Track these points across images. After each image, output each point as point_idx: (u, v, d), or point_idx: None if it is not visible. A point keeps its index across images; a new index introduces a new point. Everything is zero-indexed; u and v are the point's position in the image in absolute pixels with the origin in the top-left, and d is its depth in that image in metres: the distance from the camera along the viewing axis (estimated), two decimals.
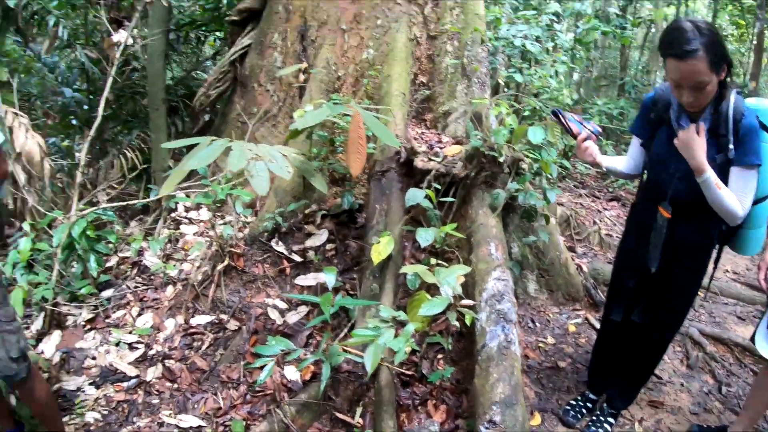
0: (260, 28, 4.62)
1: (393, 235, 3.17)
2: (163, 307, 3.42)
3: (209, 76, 4.62)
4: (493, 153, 3.31)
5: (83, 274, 3.48)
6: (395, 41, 4.10)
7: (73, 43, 4.96)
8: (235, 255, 3.36)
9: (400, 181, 3.55)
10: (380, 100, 3.93)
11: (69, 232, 3.30)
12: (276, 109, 4.30)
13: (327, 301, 2.80)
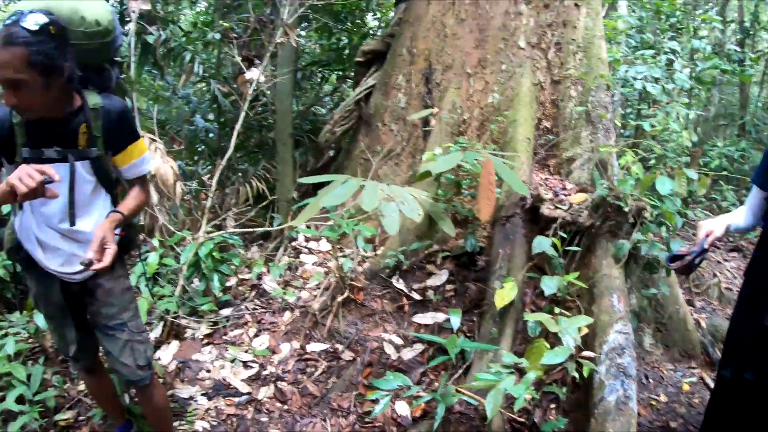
0: (384, 70, 4.89)
1: (516, 280, 3.24)
2: (279, 331, 3.63)
3: (335, 113, 4.95)
4: (618, 202, 3.32)
5: (205, 291, 3.77)
6: (520, 86, 4.19)
7: (206, 77, 5.50)
8: (355, 288, 3.54)
9: (524, 227, 3.58)
10: (505, 145, 4.01)
11: (196, 251, 3.62)
12: (399, 148, 4.50)
13: (452, 343, 2.88)
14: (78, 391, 3.36)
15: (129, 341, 2.24)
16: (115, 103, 2.06)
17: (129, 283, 2.32)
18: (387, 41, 5.11)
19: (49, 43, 1.73)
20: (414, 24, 4.71)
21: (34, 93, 1.76)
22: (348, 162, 4.83)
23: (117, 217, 2.01)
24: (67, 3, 1.91)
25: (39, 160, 1.91)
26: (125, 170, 2.15)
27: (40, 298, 2.28)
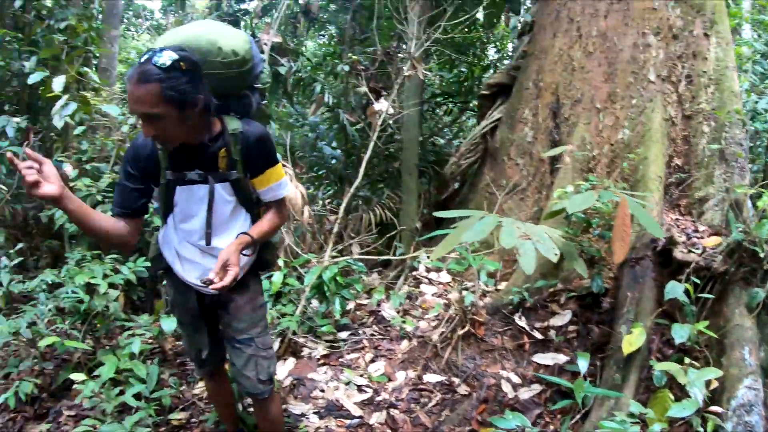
0: (510, 103, 4.94)
1: (644, 326, 3.14)
2: (395, 359, 3.73)
3: (461, 146, 5.07)
4: (754, 247, 3.15)
5: (326, 313, 3.97)
6: (650, 121, 4.08)
7: (334, 107, 5.82)
8: (476, 322, 3.58)
9: (653, 270, 3.48)
10: (636, 183, 3.91)
11: (320, 274, 3.83)
12: (525, 183, 4.51)
13: (579, 388, 2.85)
14: (193, 394, 3.65)
15: (254, 356, 2.36)
16: (255, 128, 2.17)
17: (262, 300, 2.46)
18: (512, 74, 5.17)
19: (181, 78, 1.85)
20: (540, 57, 4.73)
21: (170, 125, 1.89)
22: (472, 195, 4.90)
23: (245, 239, 2.13)
24: (205, 36, 2.07)
25: (182, 182, 2.14)
26: (262, 193, 2.26)
27: (176, 304, 2.48)
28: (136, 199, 2.13)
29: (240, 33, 2.21)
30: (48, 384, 3.87)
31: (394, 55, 5.46)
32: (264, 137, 2.17)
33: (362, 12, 6.29)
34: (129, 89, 1.85)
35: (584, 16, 4.45)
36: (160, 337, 3.96)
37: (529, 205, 4.44)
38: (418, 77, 4.84)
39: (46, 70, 4.52)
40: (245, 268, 2.33)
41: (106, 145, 4.89)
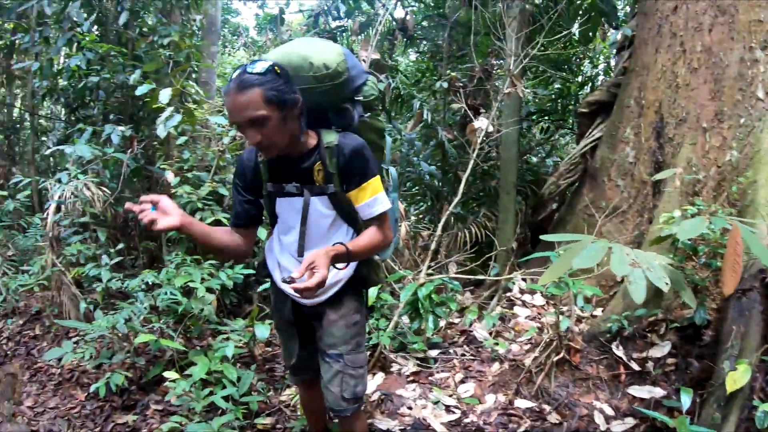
0: (611, 121, 4.82)
1: (749, 362, 2.98)
2: (486, 381, 3.70)
3: (560, 165, 5.00)
4: None
5: (417, 330, 4.00)
6: (760, 142, 3.87)
7: (432, 124, 5.88)
8: (572, 349, 3.50)
9: (761, 303, 3.30)
10: (744, 209, 3.72)
11: (415, 291, 3.86)
12: (626, 205, 4.38)
13: (683, 425, 2.73)
14: (279, 401, 3.76)
15: (341, 372, 2.36)
16: (351, 140, 2.17)
17: (358, 319, 2.42)
18: (612, 91, 5.05)
19: (278, 80, 1.94)
20: (641, 73, 4.61)
21: (273, 128, 1.96)
22: (570, 217, 4.81)
23: (338, 248, 2.06)
24: (297, 51, 2.13)
25: (281, 194, 2.25)
26: (359, 209, 2.22)
27: (275, 311, 2.58)
28: (248, 210, 2.29)
29: (333, 46, 2.23)
30: (138, 378, 4.11)
31: (492, 71, 5.46)
32: (359, 150, 2.16)
33: (458, 28, 6.33)
34: (229, 100, 1.94)
35: (687, 30, 4.29)
36: (252, 342, 4.10)
37: (630, 228, 4.31)
38: (517, 94, 4.82)
39: (152, 83, 4.83)
40: (341, 283, 2.35)
41: (207, 155, 5.16)
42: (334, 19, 7.31)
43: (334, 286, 2.34)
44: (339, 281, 2.34)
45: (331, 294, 2.35)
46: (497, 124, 4.88)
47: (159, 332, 4.02)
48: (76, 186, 4.75)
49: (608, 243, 2.50)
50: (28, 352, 5.02)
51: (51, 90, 7.30)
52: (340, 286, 2.36)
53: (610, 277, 4.17)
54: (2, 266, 6.04)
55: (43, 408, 4.11)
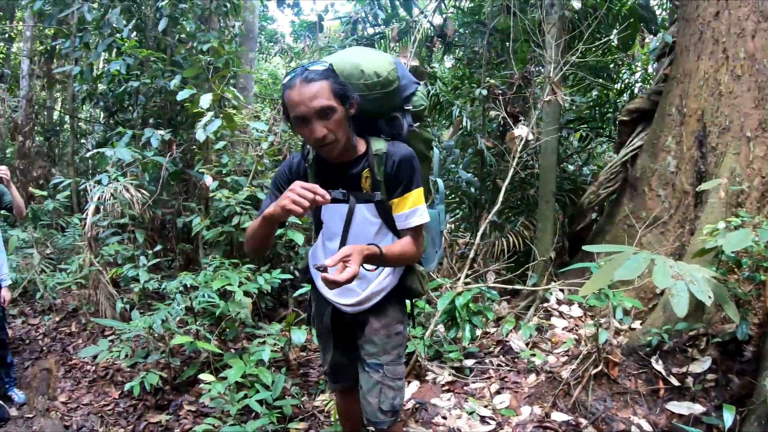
0: (652, 130, 4.75)
1: None
2: (522, 393, 3.67)
3: (600, 175, 4.95)
4: None
5: (454, 339, 4.00)
6: None
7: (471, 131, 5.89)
8: (610, 362, 3.47)
9: None
10: None
11: (453, 299, 3.86)
12: (667, 216, 4.32)
13: None
14: (313, 406, 3.79)
15: (380, 383, 2.33)
16: (399, 149, 2.17)
17: (400, 329, 2.41)
18: (653, 99, 4.99)
19: (338, 78, 2.02)
20: (683, 80, 4.54)
21: (339, 122, 1.99)
22: (609, 226, 4.76)
23: (372, 249, 2.02)
24: (348, 59, 2.15)
25: None
26: (397, 218, 2.21)
27: (316, 316, 2.58)
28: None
29: (384, 56, 2.24)
30: (172, 378, 4.19)
31: (531, 78, 5.44)
32: (407, 159, 2.16)
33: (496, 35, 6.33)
34: (296, 93, 1.96)
35: (730, 36, 4.21)
36: (287, 347, 4.15)
37: (671, 240, 4.24)
38: (557, 102, 4.78)
39: (193, 88, 4.93)
40: (385, 291, 2.36)
41: (245, 159, 5.25)
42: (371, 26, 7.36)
43: (379, 294, 2.35)
44: (384, 289, 2.35)
45: (375, 302, 2.36)
46: (536, 132, 4.86)
47: (195, 334, 4.10)
48: (115, 188, 4.87)
49: (651, 254, 2.47)
50: (64, 349, 5.17)
51: (91, 94, 7.52)
52: (384, 295, 2.36)
53: (650, 289, 4.12)
54: (41, 264, 6.22)
55: (77, 404, 4.22)
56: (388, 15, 7.32)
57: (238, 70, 5.90)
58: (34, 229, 7.11)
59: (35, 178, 9.21)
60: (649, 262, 2.40)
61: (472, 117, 6.06)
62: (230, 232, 4.69)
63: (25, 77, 10.11)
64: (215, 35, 5.95)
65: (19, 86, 10.57)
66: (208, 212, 5.04)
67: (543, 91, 4.74)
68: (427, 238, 2.52)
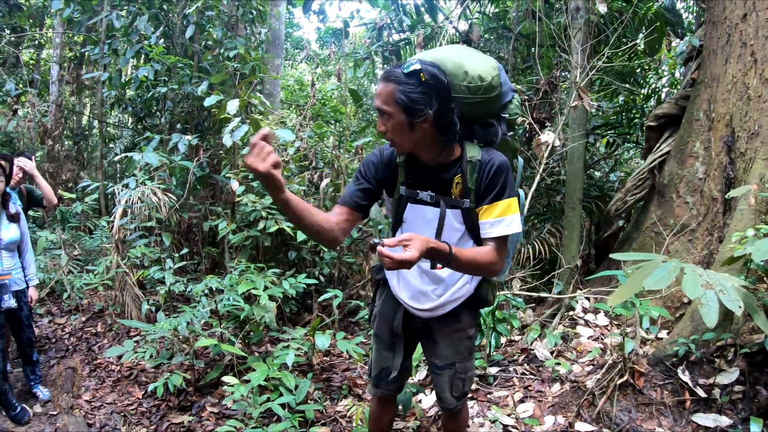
0: (679, 135, 4.69)
1: None
2: (546, 402, 3.65)
3: (628, 181, 4.90)
4: None
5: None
6: None
7: None
8: (636, 372, 3.43)
9: None
10: None
11: None
12: (695, 223, 4.25)
13: None
14: (336, 411, 3.80)
15: (453, 377, 2.46)
16: (495, 156, 2.12)
17: (472, 333, 2.45)
18: (680, 104, 4.92)
19: (416, 87, 1.94)
20: (711, 85, 4.48)
21: (396, 126, 1.99)
22: (636, 234, 4.70)
23: (441, 245, 1.93)
24: (451, 58, 2.10)
25: (414, 200, 2.22)
26: (481, 224, 2.14)
27: (381, 317, 2.52)
28: (359, 196, 2.22)
29: (488, 59, 2.20)
30: (195, 380, 4.24)
31: (558, 84, 5.41)
32: (502, 167, 2.10)
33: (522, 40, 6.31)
34: (377, 86, 2.03)
35: (758, 38, 4.11)
36: (311, 352, 4.17)
37: (699, 248, 4.17)
38: (583, 107, 4.74)
39: (221, 94, 5.00)
40: (460, 300, 2.36)
41: None
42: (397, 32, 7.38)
43: (455, 302, 2.35)
44: (460, 298, 2.35)
45: (450, 309, 2.36)
46: (563, 138, 4.83)
47: (219, 337, 4.15)
48: (143, 191, 4.96)
49: (680, 263, 2.45)
50: (89, 348, 5.26)
51: (119, 99, 7.66)
52: (458, 303, 2.36)
53: (677, 298, 4.07)
54: (68, 265, 6.34)
55: (101, 403, 4.29)
56: (414, 21, 7.35)
57: (265, 76, 5.96)
58: (62, 230, 7.26)
59: (64, 182, 9.41)
60: (678, 271, 2.38)
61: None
62: (256, 237, 4.74)
63: (55, 83, 10.35)
64: (242, 42, 6.03)
65: (48, 91, 10.82)
66: (234, 216, 5.10)
67: (569, 97, 4.71)
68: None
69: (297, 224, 2.00)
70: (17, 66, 10.76)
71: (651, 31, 6.35)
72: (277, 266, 4.70)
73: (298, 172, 5.64)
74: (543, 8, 5.83)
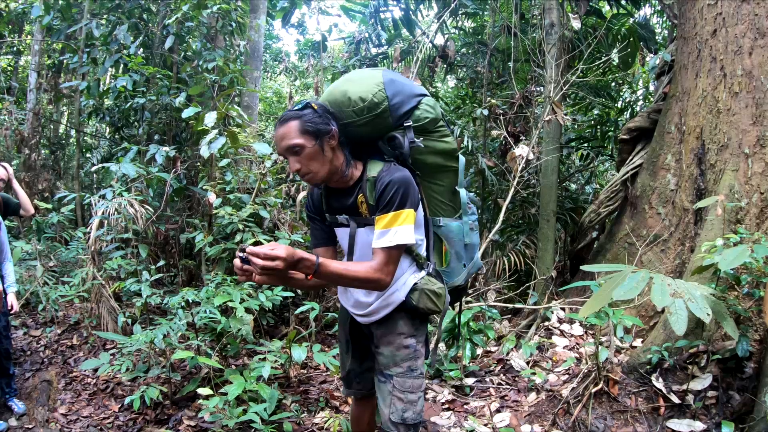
0: (651, 148, 4.77)
1: None
2: (522, 411, 3.67)
3: (601, 193, 4.97)
4: None
5: (454, 358, 4.00)
6: None
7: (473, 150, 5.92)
8: (611, 380, 3.46)
9: None
10: None
11: (454, 318, 3.86)
12: (667, 233, 4.32)
13: None
14: (313, 423, 3.78)
15: (390, 393, 2.36)
16: (390, 173, 2.15)
17: (410, 343, 2.37)
18: (652, 117, 5.02)
19: (313, 114, 2.13)
20: (681, 98, 4.57)
21: (310, 156, 2.13)
22: (610, 245, 4.76)
23: (308, 256, 1.98)
24: (340, 87, 2.25)
25: (336, 225, 2.39)
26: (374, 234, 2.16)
27: (339, 323, 2.72)
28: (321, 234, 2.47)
29: (373, 77, 2.25)
30: (172, 393, 4.19)
31: (532, 98, 5.48)
32: (394, 181, 2.13)
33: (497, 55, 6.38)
34: (275, 135, 2.18)
35: (727, 53, 4.22)
36: (288, 364, 4.14)
37: (671, 257, 4.24)
38: (557, 121, 4.81)
39: (199, 105, 4.98)
40: (392, 306, 2.36)
41: (249, 177, 5.29)
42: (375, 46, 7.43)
43: (386, 308, 2.37)
44: (390, 304, 2.36)
45: (383, 315, 2.39)
46: (537, 152, 4.89)
47: (196, 349, 4.10)
48: (119, 203, 4.90)
49: (649, 273, 2.48)
50: (65, 361, 5.16)
51: (97, 109, 7.58)
52: (391, 309, 2.38)
53: (650, 307, 4.12)
54: (43, 276, 6.24)
55: (77, 416, 4.22)
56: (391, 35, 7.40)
57: (243, 89, 5.95)
58: (38, 241, 7.13)
59: (40, 191, 9.27)
60: (647, 280, 2.42)
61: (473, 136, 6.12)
62: (232, 249, 4.71)
63: (33, 90, 10.21)
64: (221, 54, 6.02)
65: (26, 99, 10.67)
66: (211, 229, 5.06)
67: (544, 111, 4.77)
68: (450, 251, 2.53)
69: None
70: None
71: (625, 46, 6.47)
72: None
73: (276, 185, 5.62)
74: (518, 24, 5.91)
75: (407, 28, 7.39)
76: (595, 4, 7.18)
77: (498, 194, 5.66)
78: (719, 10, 4.29)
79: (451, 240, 2.50)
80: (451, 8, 6.05)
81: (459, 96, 7.35)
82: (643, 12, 7.79)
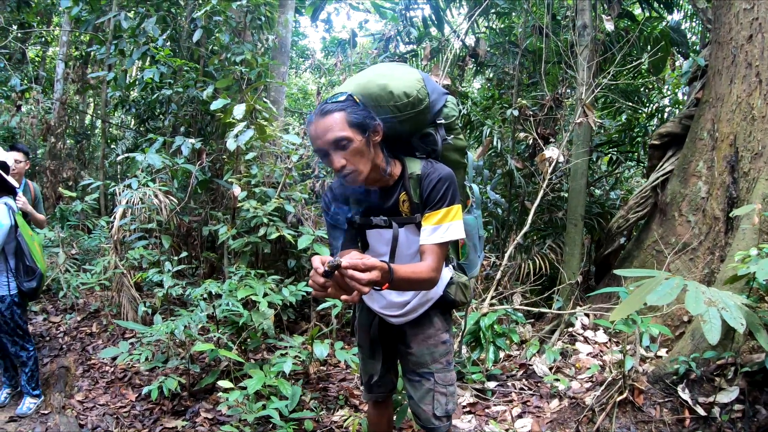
0: (683, 154, 4.70)
1: None
2: (544, 417, 3.63)
3: (630, 199, 4.91)
4: None
5: (477, 361, 3.97)
6: None
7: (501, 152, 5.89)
8: (636, 390, 3.41)
9: None
10: None
11: (478, 320, 3.84)
12: (696, 242, 4.26)
13: None
14: (332, 421, 3.77)
15: (432, 390, 2.37)
16: (436, 169, 2.15)
17: (446, 338, 2.42)
18: (684, 123, 4.94)
19: (357, 106, 2.00)
20: (715, 105, 4.49)
21: (357, 151, 1.97)
22: (637, 252, 4.70)
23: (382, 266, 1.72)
24: (377, 81, 2.13)
25: (369, 227, 2.26)
26: (422, 231, 2.13)
27: (360, 327, 2.60)
28: (347, 237, 2.25)
29: (412, 72, 2.22)
30: (191, 384, 4.20)
31: (563, 100, 5.43)
32: (443, 179, 2.12)
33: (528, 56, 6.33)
34: (313, 128, 1.99)
35: (763, 59, 4.15)
36: (308, 360, 4.14)
37: (700, 266, 4.17)
38: (588, 124, 4.76)
39: (227, 98, 4.99)
40: (429, 303, 2.37)
41: (274, 171, 5.30)
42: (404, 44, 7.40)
43: (424, 305, 2.37)
44: (428, 300, 2.36)
45: (420, 313, 2.38)
46: (567, 154, 4.84)
47: (216, 342, 4.12)
48: (144, 193, 4.93)
49: (683, 280, 2.44)
50: (83, 348, 5.22)
51: (123, 100, 7.65)
52: (428, 306, 2.38)
53: (677, 316, 4.06)
54: (65, 263, 6.31)
55: (93, 404, 4.25)
56: (420, 33, 7.37)
57: (271, 82, 5.96)
58: (61, 228, 7.23)
59: (65, 180, 9.40)
60: (681, 287, 2.37)
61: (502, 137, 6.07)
62: (256, 243, 4.72)
63: (60, 80, 10.36)
64: (249, 47, 6.04)
65: (53, 89, 10.82)
66: (235, 222, 5.08)
67: (574, 113, 4.72)
68: (468, 244, 2.53)
69: None
70: (23, 62, 10.77)
71: (656, 50, 6.39)
72: (276, 273, 4.67)
73: (301, 180, 5.63)
74: (550, 25, 5.86)
75: (437, 26, 7.36)
76: (627, 7, 7.10)
77: (525, 197, 5.60)
78: (755, 15, 4.22)
79: (469, 233, 2.51)
80: (483, 7, 5.99)
81: (488, 97, 7.29)
82: (675, 16, 7.69)
